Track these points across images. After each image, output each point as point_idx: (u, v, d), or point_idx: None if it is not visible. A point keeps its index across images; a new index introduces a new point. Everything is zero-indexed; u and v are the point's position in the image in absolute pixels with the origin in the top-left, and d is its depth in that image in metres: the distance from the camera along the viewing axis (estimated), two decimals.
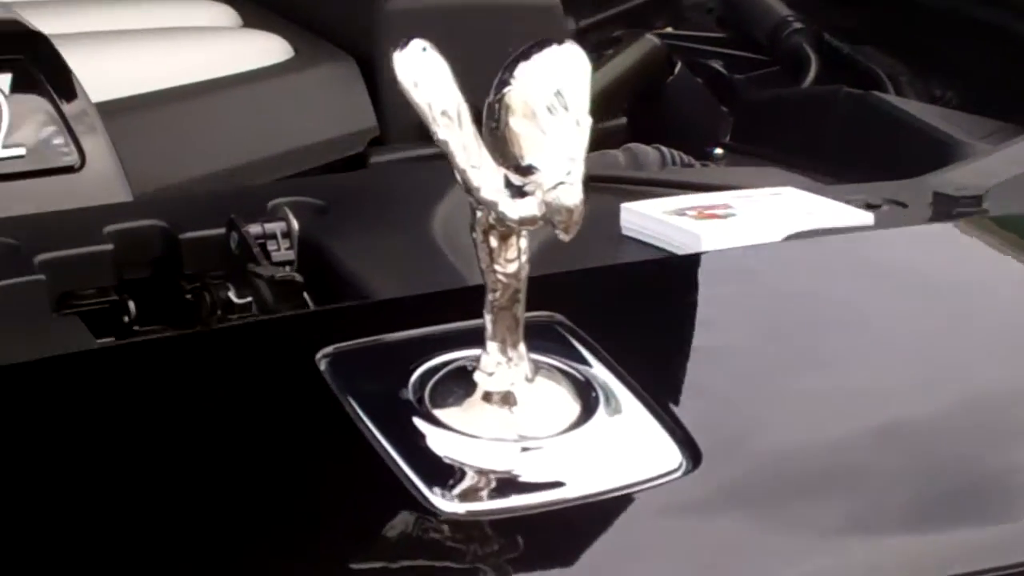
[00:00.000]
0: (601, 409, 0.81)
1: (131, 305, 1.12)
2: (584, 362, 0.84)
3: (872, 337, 0.92)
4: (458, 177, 0.75)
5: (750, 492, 0.79)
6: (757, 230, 1.15)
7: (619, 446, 0.79)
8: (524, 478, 0.77)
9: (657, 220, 1.18)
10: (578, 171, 0.75)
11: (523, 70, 0.76)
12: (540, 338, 0.85)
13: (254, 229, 1.13)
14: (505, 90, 0.76)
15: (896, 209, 1.16)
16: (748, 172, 1.57)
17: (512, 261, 0.78)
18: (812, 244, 1.07)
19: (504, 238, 0.77)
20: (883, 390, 0.87)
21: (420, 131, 0.81)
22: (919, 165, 1.28)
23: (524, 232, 0.77)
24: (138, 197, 1.30)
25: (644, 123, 1.75)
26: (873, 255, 1.05)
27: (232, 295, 1.13)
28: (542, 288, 0.86)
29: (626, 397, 0.82)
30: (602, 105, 0.88)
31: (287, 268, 1.12)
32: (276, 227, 1.14)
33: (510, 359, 0.79)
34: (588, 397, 0.81)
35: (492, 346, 0.80)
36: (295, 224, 1.14)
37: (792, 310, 0.97)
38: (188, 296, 1.16)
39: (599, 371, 0.84)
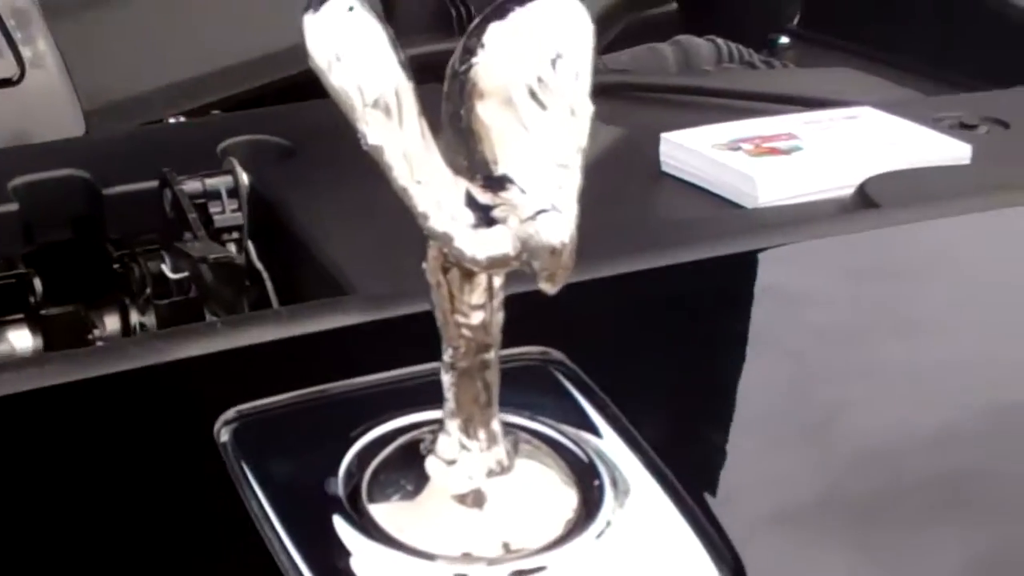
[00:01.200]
0: (608, 505, 0.57)
1: (37, 283, 0.90)
2: (590, 425, 0.61)
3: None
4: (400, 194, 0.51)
5: None
6: (828, 172, 0.92)
7: (630, 562, 0.56)
8: None
9: (703, 156, 0.95)
10: (571, 188, 0.51)
11: (497, 34, 0.53)
12: (527, 389, 0.62)
13: (191, 186, 0.90)
14: (472, 62, 0.53)
15: (997, 132, 0.92)
16: (817, 75, 1.31)
17: (478, 309, 0.54)
18: (906, 229, 0.81)
19: (468, 277, 0.54)
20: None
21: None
22: None
23: (492, 272, 0.54)
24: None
25: (696, 9, 1.49)
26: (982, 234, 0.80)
27: (167, 269, 0.90)
28: (535, 305, 0.63)
29: (646, 482, 0.59)
30: None
31: (233, 236, 0.89)
32: (220, 182, 0.90)
33: (478, 441, 0.56)
34: (591, 485, 0.58)
35: (452, 425, 0.56)
36: (244, 179, 0.90)
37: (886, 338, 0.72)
38: (116, 267, 0.93)
39: (609, 439, 0.60)
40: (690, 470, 0.59)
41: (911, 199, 0.85)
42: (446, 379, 0.56)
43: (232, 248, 0.89)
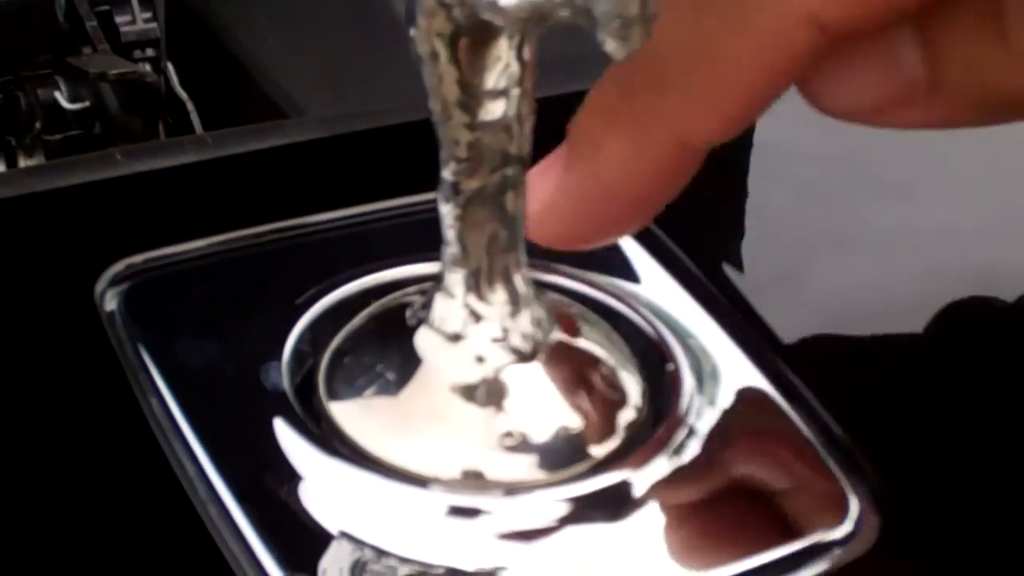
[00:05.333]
0: (688, 398, 0.38)
1: None
2: (657, 286, 0.42)
3: None
4: None
5: None
6: None
7: (724, 487, 0.37)
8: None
9: None
10: None
11: None
12: None
13: None
14: None
15: None
16: None
17: (499, 96, 0.34)
18: None
19: (483, 43, 0.34)
20: None
21: None
22: None
23: (524, 33, 0.33)
24: None
25: None
26: None
27: (61, 97, 0.70)
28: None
29: (744, 367, 0.39)
30: None
31: (147, 53, 0.70)
32: None
33: (494, 306, 0.37)
34: (662, 369, 0.39)
35: (456, 278, 0.37)
36: None
37: None
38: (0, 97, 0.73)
39: (685, 304, 0.41)
40: (810, 355, 0.40)
41: None
42: (447, 209, 0.36)
43: (146, 68, 0.70)
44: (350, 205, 0.44)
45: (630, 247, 0.43)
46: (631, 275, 0.42)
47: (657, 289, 0.42)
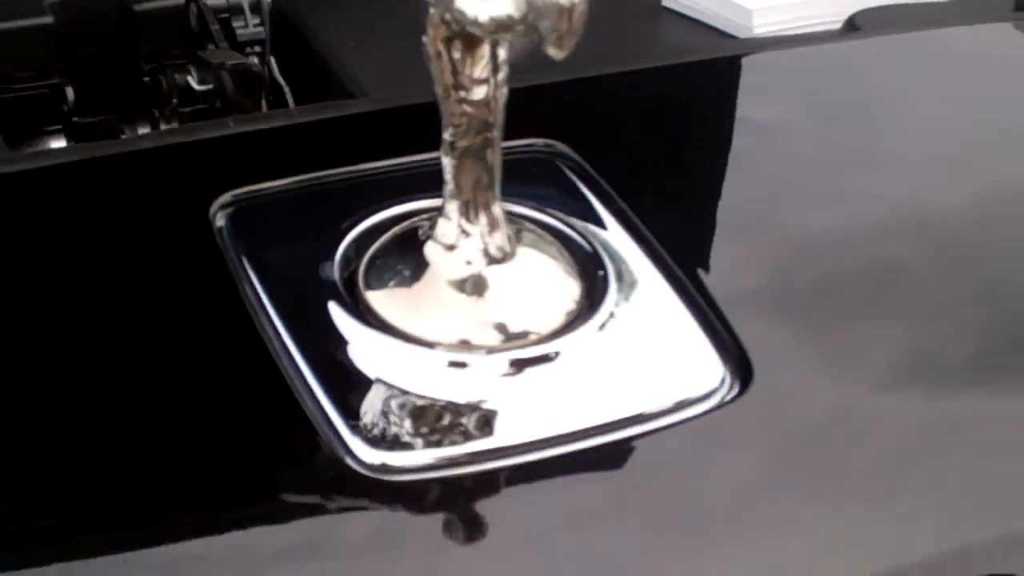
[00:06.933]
0: (612, 296, 0.45)
1: (69, 92, 0.76)
2: (595, 217, 0.48)
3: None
4: None
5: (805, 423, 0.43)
6: (820, 5, 0.77)
7: (632, 353, 0.44)
8: (494, 408, 0.42)
9: None
10: None
11: None
12: (530, 181, 0.49)
13: (215, 1, 0.75)
14: None
15: None
16: None
17: (482, 83, 0.41)
18: (875, 42, 0.67)
19: (470, 47, 0.40)
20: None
21: None
22: None
23: (501, 40, 0.40)
24: None
25: None
26: (944, 50, 0.66)
27: (192, 80, 0.76)
28: (541, 98, 0.50)
29: (652, 275, 0.46)
30: None
31: (255, 50, 0.75)
32: None
33: (479, 226, 0.43)
34: (595, 276, 0.45)
35: (452, 208, 0.43)
36: None
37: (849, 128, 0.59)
38: (146, 80, 0.79)
39: (615, 231, 0.47)
40: (695, 259, 0.46)
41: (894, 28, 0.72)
42: (446, 161, 0.43)
43: (254, 61, 0.75)
44: (385, 159, 0.50)
45: (583, 195, 0.49)
46: (581, 212, 0.48)
47: (596, 221, 0.48)
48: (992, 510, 0.40)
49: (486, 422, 0.41)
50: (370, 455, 0.39)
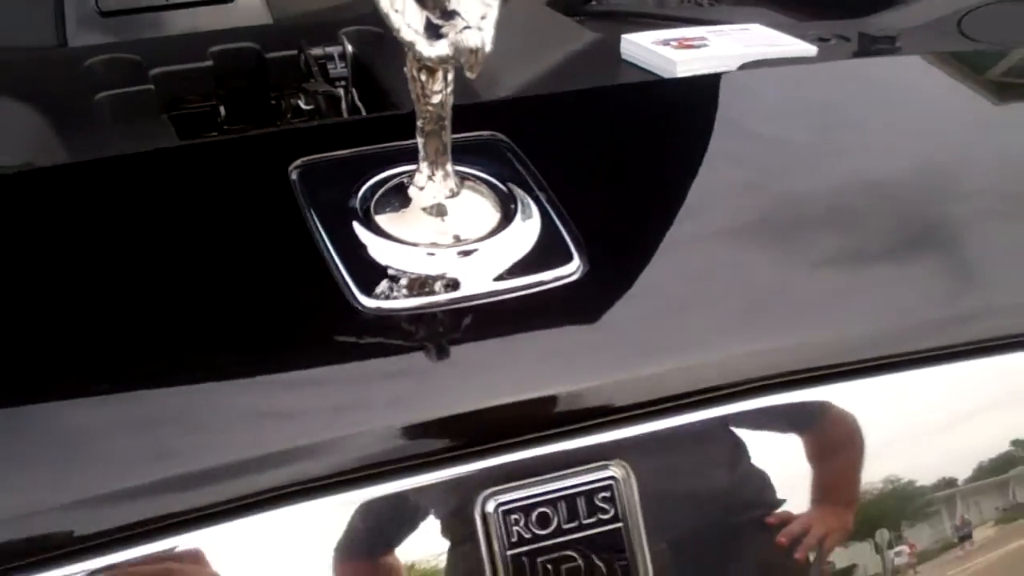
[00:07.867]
0: (517, 220, 0.68)
1: (221, 109, 1.02)
2: (513, 177, 0.71)
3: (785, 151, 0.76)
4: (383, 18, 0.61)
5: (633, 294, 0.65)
6: (722, 58, 0.98)
7: (524, 248, 0.66)
8: (454, 278, 0.65)
9: (647, 48, 1.02)
10: (492, 17, 0.61)
11: None
12: (479, 155, 0.72)
13: (316, 51, 1.00)
14: None
15: (840, 44, 0.97)
16: (743, 12, 1.34)
17: (437, 94, 0.65)
18: (756, 75, 0.89)
19: (431, 73, 0.64)
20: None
21: None
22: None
23: (447, 69, 0.63)
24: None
25: None
26: (804, 84, 0.88)
27: (301, 103, 1.01)
28: (508, 108, 0.72)
29: (542, 207, 0.69)
30: None
31: (341, 84, 1.00)
32: (334, 50, 1.01)
33: (438, 176, 0.67)
34: (508, 208, 0.68)
35: (423, 166, 0.67)
36: (349, 48, 1.01)
37: (735, 133, 0.81)
38: (272, 103, 1.04)
39: (524, 184, 0.70)
40: (573, 201, 0.69)
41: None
42: (420, 139, 0.67)
43: (340, 92, 1.00)
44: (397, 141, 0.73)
45: (510, 163, 0.72)
46: (505, 173, 0.71)
47: (514, 179, 0.71)
48: None
49: (448, 285, 0.64)
50: (370, 302, 0.63)
